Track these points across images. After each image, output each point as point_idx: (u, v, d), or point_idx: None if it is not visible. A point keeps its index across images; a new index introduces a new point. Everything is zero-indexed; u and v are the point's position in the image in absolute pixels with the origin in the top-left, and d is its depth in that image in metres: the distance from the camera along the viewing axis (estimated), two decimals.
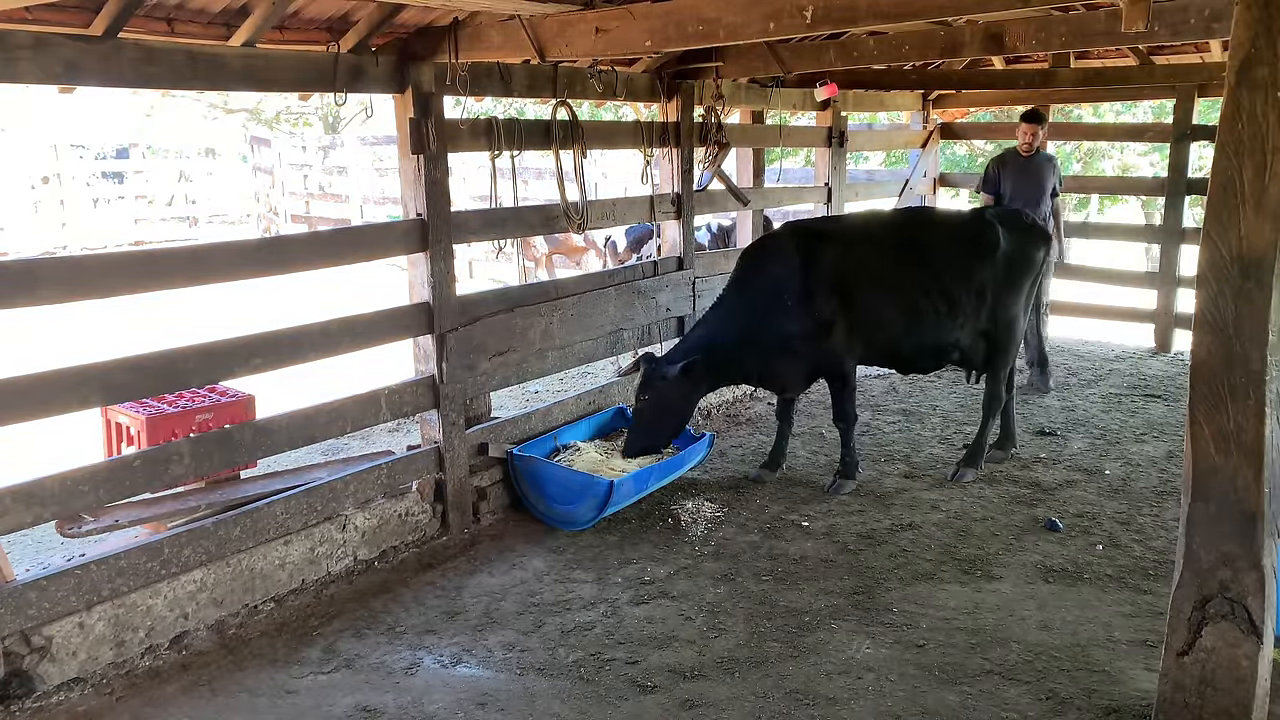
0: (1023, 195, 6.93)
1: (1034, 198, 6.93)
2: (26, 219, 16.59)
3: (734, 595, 4.12)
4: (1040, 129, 7.00)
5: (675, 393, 5.06)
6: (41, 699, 3.38)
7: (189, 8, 3.62)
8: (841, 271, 5.17)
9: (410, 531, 4.64)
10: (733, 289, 5.36)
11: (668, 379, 5.02)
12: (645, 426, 5.14)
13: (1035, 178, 7.01)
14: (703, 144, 6.20)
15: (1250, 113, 2.64)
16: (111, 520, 3.92)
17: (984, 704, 3.30)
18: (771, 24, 3.41)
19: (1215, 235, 2.75)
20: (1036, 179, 7.01)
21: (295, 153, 18.95)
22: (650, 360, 5.11)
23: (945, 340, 5.34)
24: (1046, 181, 7.02)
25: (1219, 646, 2.86)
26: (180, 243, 11.86)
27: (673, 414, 5.18)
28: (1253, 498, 2.77)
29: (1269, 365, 2.72)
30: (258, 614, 4.01)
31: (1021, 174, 7.03)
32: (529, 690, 3.45)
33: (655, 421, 5.13)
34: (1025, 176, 7.01)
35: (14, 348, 7.74)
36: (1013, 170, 7.04)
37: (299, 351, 4.13)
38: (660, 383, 5.02)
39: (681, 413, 5.25)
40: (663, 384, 5.02)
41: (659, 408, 5.07)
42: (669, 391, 5.04)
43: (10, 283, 3.28)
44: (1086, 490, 5.22)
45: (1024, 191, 6.96)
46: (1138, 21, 2.77)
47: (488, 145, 4.87)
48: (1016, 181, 7.01)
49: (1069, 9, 4.76)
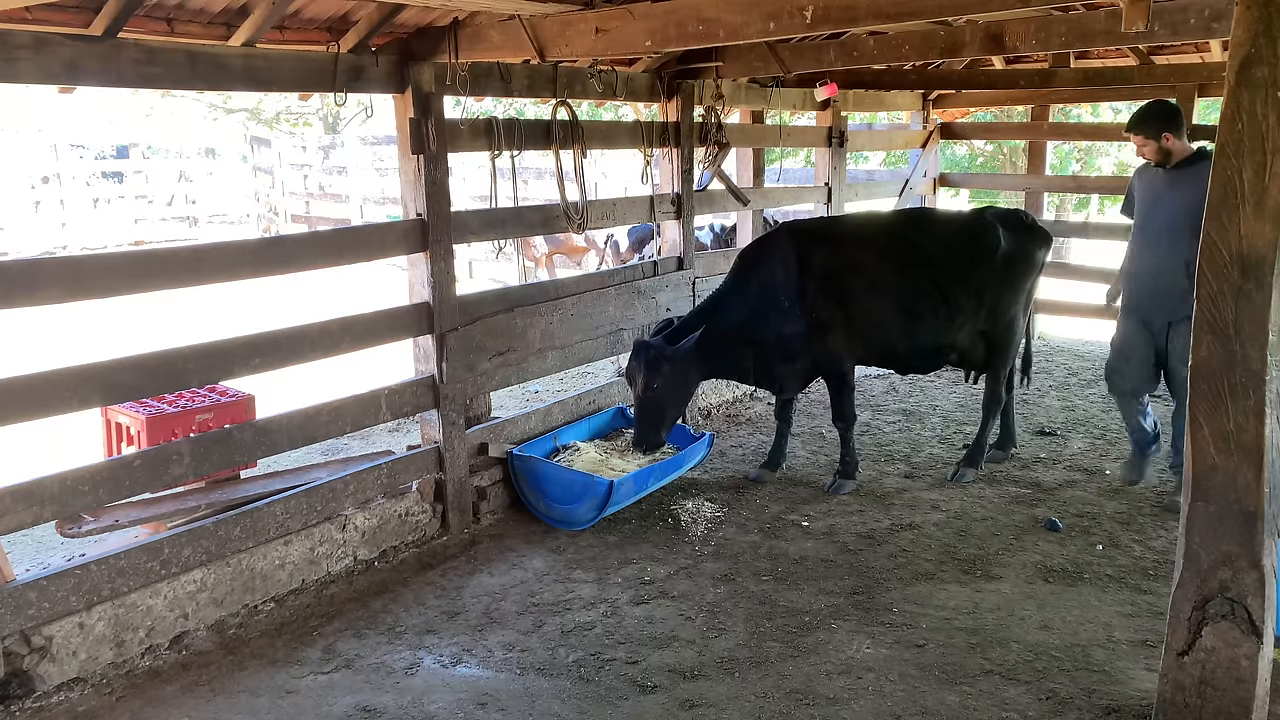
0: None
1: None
2: (26, 219, 16.61)
3: (734, 595, 4.13)
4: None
5: (684, 373, 5.02)
6: (41, 699, 3.38)
7: (189, 7, 3.62)
8: (838, 272, 5.17)
9: (410, 531, 4.64)
10: (730, 286, 5.35)
11: (679, 357, 4.94)
12: (658, 412, 5.01)
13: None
14: (703, 144, 6.20)
15: (1250, 113, 2.64)
16: (111, 520, 3.92)
17: (984, 704, 3.30)
18: (771, 24, 3.41)
19: (1215, 235, 2.75)
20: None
21: (295, 153, 18.97)
22: (647, 346, 5.00)
23: (943, 341, 5.34)
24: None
25: (1219, 646, 2.86)
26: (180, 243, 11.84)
27: (682, 396, 5.13)
28: (1253, 498, 2.77)
29: (1269, 365, 2.72)
30: (258, 614, 4.01)
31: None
32: (529, 690, 3.45)
33: (667, 406, 5.02)
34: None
35: (14, 348, 7.74)
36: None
37: (299, 351, 4.13)
38: (668, 365, 4.92)
39: (687, 395, 5.22)
40: (671, 366, 4.93)
41: (669, 390, 4.98)
42: (679, 371, 4.97)
43: (10, 283, 3.28)
44: (1086, 490, 5.22)
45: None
46: (1138, 21, 2.77)
47: (488, 145, 4.87)
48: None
49: (1069, 9, 4.75)
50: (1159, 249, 4.79)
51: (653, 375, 4.91)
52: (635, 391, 5.04)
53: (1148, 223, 4.87)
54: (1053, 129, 9.54)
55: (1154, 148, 4.77)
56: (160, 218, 18.28)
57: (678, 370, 4.98)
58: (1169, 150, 4.76)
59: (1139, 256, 4.93)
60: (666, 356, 4.93)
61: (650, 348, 4.97)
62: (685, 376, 5.08)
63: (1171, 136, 4.73)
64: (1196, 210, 4.46)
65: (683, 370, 5.01)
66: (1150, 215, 4.86)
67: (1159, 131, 4.73)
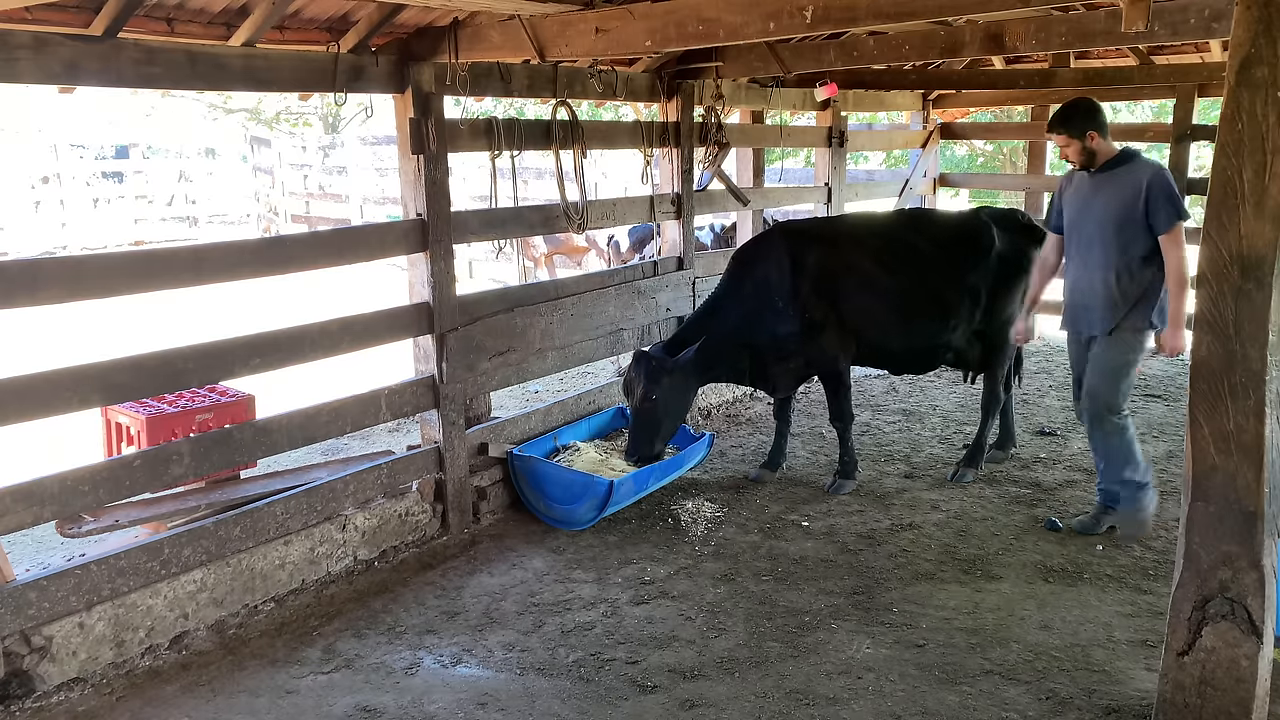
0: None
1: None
2: (26, 219, 16.61)
3: (734, 595, 4.12)
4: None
5: (684, 384, 5.02)
6: (41, 699, 3.38)
7: (189, 7, 3.62)
8: (831, 272, 5.18)
9: (410, 531, 4.64)
10: (725, 289, 5.35)
11: (678, 369, 4.93)
12: (656, 424, 5.00)
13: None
14: (703, 144, 6.20)
15: (1250, 113, 2.64)
16: (111, 520, 3.92)
17: (984, 704, 3.30)
18: (771, 24, 3.41)
19: (1215, 235, 2.75)
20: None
21: (295, 153, 18.97)
22: (647, 357, 5.01)
23: (937, 341, 5.35)
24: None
25: (1219, 646, 2.86)
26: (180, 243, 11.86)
27: (681, 408, 5.13)
28: (1253, 498, 2.77)
29: (1269, 365, 2.71)
30: (258, 614, 4.01)
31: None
32: (529, 690, 3.45)
33: (665, 418, 5.02)
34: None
35: (14, 348, 7.74)
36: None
37: (299, 351, 4.13)
38: (667, 377, 4.92)
39: (686, 406, 5.22)
40: (671, 377, 4.93)
41: (669, 403, 4.98)
42: (679, 383, 4.97)
43: (11, 282, 3.28)
44: (1086, 490, 5.22)
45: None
46: (1138, 21, 2.77)
47: (488, 145, 4.87)
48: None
49: (1069, 9, 4.75)
50: (1086, 260, 4.43)
51: (652, 386, 4.92)
52: (633, 402, 5.04)
53: (1075, 232, 4.49)
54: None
55: (1078, 148, 4.36)
56: (160, 218, 18.28)
57: (677, 382, 4.99)
58: (1094, 151, 4.36)
59: (1069, 268, 4.58)
60: (666, 369, 4.95)
61: (650, 359, 4.98)
62: (684, 387, 5.10)
63: (1096, 136, 4.33)
64: (1121, 218, 4.30)
65: (682, 381, 5.03)
66: (1077, 224, 4.48)
67: (1083, 130, 4.32)
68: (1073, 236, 4.53)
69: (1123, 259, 4.30)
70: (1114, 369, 4.39)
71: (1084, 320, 4.50)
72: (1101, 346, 4.42)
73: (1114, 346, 4.38)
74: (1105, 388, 4.41)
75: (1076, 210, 4.48)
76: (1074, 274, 4.53)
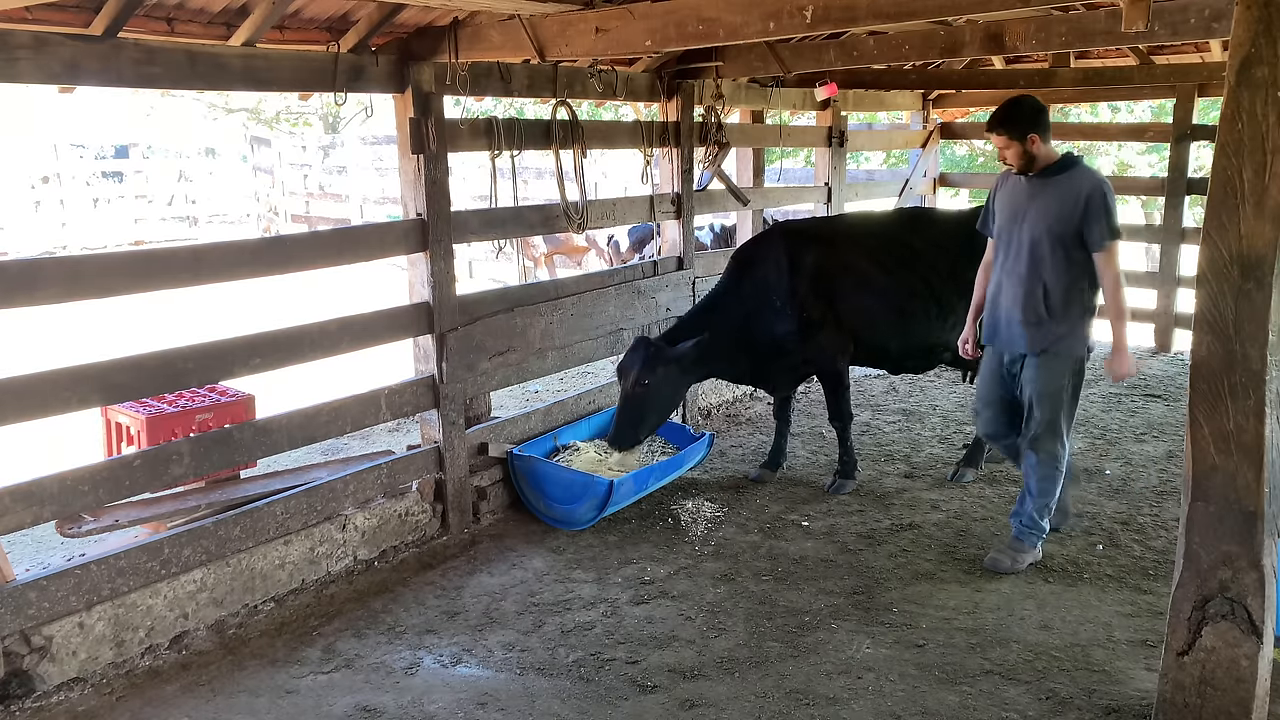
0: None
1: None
2: (26, 219, 16.61)
3: (734, 595, 4.12)
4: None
5: (678, 376, 5.00)
6: (41, 699, 3.38)
7: (189, 7, 3.62)
8: (829, 272, 5.18)
9: (410, 531, 4.64)
10: (724, 287, 5.35)
11: (675, 361, 4.91)
12: (644, 412, 4.96)
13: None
14: (703, 144, 6.20)
15: (1250, 113, 2.63)
16: (111, 520, 3.92)
17: (984, 704, 3.30)
18: (771, 24, 3.41)
19: (1215, 235, 2.75)
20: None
21: (295, 152, 18.99)
22: (648, 343, 4.97)
23: (935, 340, 5.35)
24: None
25: (1219, 646, 2.86)
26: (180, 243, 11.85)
27: (671, 400, 5.10)
28: (1253, 498, 2.77)
29: (1269, 365, 2.71)
30: (258, 614, 4.01)
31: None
32: (529, 690, 3.45)
33: (654, 408, 4.99)
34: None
35: (14, 348, 7.74)
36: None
37: (299, 351, 4.13)
38: (664, 367, 4.90)
39: (678, 399, 5.19)
40: (667, 368, 4.91)
41: (660, 392, 4.95)
42: (673, 374, 4.95)
43: (10, 282, 3.27)
44: (1086, 490, 5.22)
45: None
46: (1138, 21, 2.77)
47: (488, 145, 4.87)
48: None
49: (1069, 9, 4.76)
50: (1014, 271, 4.12)
51: (646, 373, 4.88)
52: (625, 386, 4.98)
53: (1006, 239, 4.19)
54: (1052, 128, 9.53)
55: (1018, 151, 4.03)
56: (160, 218, 18.28)
57: (672, 373, 4.96)
58: (1034, 155, 4.05)
59: (997, 278, 4.25)
60: (664, 358, 4.92)
61: (650, 345, 4.95)
62: (679, 380, 5.06)
63: (1038, 139, 4.02)
64: (1059, 227, 3.98)
65: (677, 373, 5.00)
66: (1008, 231, 4.17)
67: (1024, 132, 4.00)
68: (1002, 243, 4.21)
69: (1054, 274, 4.00)
70: (1050, 394, 4.09)
71: (1007, 335, 4.18)
72: (1031, 370, 4.13)
73: (1046, 370, 4.09)
74: (1043, 413, 4.12)
75: (1009, 216, 4.17)
76: (1000, 284, 4.20)
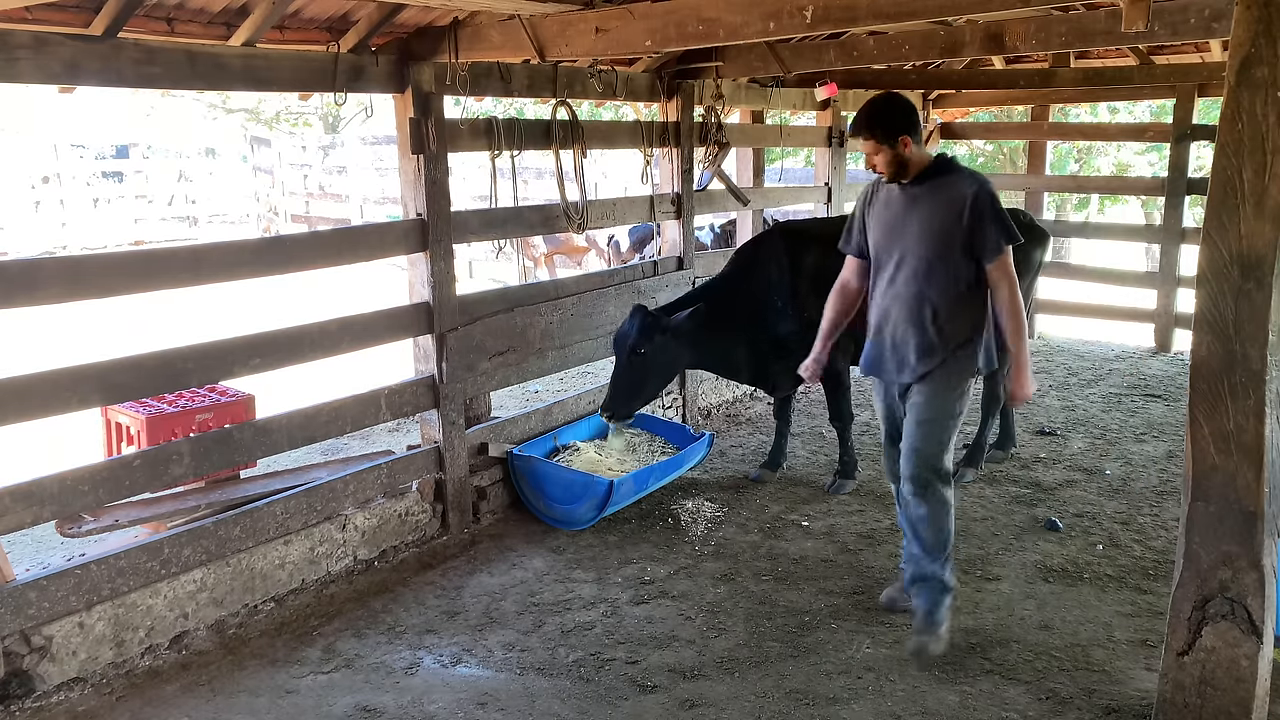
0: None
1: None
2: (26, 219, 16.62)
3: (734, 595, 4.12)
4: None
5: (675, 347, 4.95)
6: (41, 699, 3.38)
7: (189, 7, 3.62)
8: (828, 272, 5.16)
9: (410, 531, 4.64)
10: (723, 276, 5.35)
11: (672, 330, 4.88)
12: (638, 381, 4.92)
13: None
14: (703, 144, 6.20)
15: (1250, 113, 2.64)
16: (111, 520, 3.92)
17: (984, 704, 3.30)
18: (771, 24, 3.41)
19: (1215, 235, 2.75)
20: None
21: (295, 152, 19.00)
22: (644, 310, 4.92)
23: None
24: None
25: (1219, 646, 2.86)
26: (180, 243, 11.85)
27: (667, 371, 5.05)
28: (1253, 498, 2.77)
29: (1269, 365, 2.72)
30: (258, 614, 4.01)
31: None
32: (529, 690, 3.45)
33: (648, 377, 4.94)
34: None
35: (14, 348, 7.74)
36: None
37: (299, 351, 4.13)
38: (660, 335, 4.85)
39: (672, 371, 5.14)
40: (663, 336, 4.86)
41: (655, 361, 4.91)
42: (669, 344, 4.91)
43: (10, 282, 3.27)
44: (1086, 490, 5.22)
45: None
46: (1138, 21, 2.77)
47: (488, 145, 4.87)
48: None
49: (1069, 9, 4.76)
50: (895, 292, 3.61)
51: (643, 340, 4.83)
52: (621, 354, 4.94)
53: (884, 257, 3.65)
54: (1053, 129, 9.55)
55: (889, 157, 3.50)
56: (160, 218, 18.29)
57: (668, 343, 4.91)
58: (906, 160, 3.52)
59: (873, 301, 3.75)
60: (661, 326, 4.88)
61: (647, 312, 4.92)
62: (675, 351, 5.00)
63: (910, 142, 3.48)
64: (943, 238, 3.47)
65: (673, 343, 4.94)
66: (886, 248, 3.63)
67: (894, 135, 3.46)
68: (880, 262, 3.68)
69: (940, 291, 3.51)
70: (932, 420, 3.57)
71: (892, 365, 3.66)
72: (916, 395, 3.61)
73: (931, 394, 3.58)
74: (926, 444, 3.57)
75: (884, 231, 3.64)
76: (881, 309, 3.68)
